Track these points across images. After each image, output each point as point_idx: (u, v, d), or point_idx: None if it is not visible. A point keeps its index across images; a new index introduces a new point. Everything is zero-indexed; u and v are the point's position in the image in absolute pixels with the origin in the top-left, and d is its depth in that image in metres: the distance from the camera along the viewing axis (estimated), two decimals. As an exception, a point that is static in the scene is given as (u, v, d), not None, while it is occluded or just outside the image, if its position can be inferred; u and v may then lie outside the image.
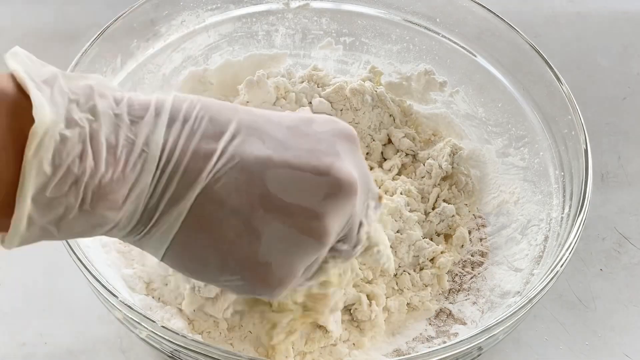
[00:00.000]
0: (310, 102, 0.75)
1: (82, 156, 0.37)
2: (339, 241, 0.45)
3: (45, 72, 0.38)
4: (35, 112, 0.36)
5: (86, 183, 0.38)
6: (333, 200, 0.42)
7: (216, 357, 0.49)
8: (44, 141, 0.36)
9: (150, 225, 0.41)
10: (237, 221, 0.40)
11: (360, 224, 0.46)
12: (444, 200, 0.70)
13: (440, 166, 0.71)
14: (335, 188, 0.42)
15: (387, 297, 0.64)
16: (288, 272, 0.43)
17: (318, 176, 0.41)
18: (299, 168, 0.41)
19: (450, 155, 0.71)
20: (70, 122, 0.37)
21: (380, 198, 0.49)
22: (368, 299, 0.63)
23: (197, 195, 0.40)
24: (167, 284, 0.61)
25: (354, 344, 0.62)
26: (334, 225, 0.43)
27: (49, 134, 0.36)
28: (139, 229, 0.41)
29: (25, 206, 0.36)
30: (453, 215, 0.69)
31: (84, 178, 0.37)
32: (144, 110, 0.40)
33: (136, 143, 0.39)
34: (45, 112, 0.36)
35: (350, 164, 0.43)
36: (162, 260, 0.42)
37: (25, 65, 0.38)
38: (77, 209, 0.38)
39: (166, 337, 0.50)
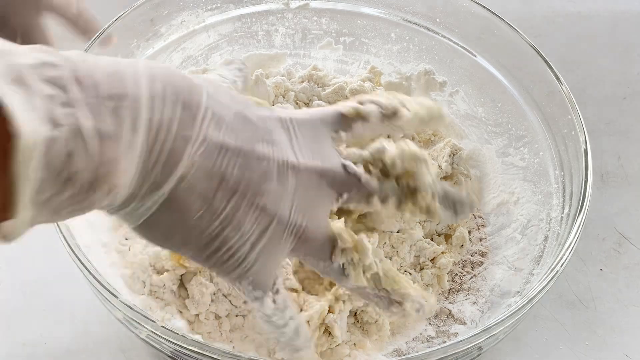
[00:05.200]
0: (307, 104, 0.75)
1: (73, 153, 0.37)
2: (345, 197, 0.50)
3: (11, 63, 0.36)
4: (17, 127, 0.34)
5: (81, 177, 0.38)
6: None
7: (216, 357, 0.49)
8: (32, 153, 0.35)
9: (131, 206, 0.42)
10: (201, 203, 0.43)
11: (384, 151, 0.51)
12: (444, 200, 0.70)
13: (440, 166, 0.71)
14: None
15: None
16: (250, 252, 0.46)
17: (260, 161, 0.45)
18: (246, 154, 0.44)
19: (450, 155, 0.71)
20: (53, 122, 0.36)
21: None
22: None
23: (177, 179, 0.42)
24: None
25: (355, 344, 0.62)
26: (286, 202, 0.46)
27: (35, 143, 0.35)
28: (120, 207, 0.43)
29: (24, 214, 0.36)
30: (453, 215, 0.69)
31: (77, 174, 0.38)
32: (121, 87, 0.40)
33: (124, 127, 0.39)
34: (27, 124, 0.34)
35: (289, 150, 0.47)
36: (132, 229, 0.45)
37: None
38: (73, 200, 0.39)
39: (166, 337, 0.50)
